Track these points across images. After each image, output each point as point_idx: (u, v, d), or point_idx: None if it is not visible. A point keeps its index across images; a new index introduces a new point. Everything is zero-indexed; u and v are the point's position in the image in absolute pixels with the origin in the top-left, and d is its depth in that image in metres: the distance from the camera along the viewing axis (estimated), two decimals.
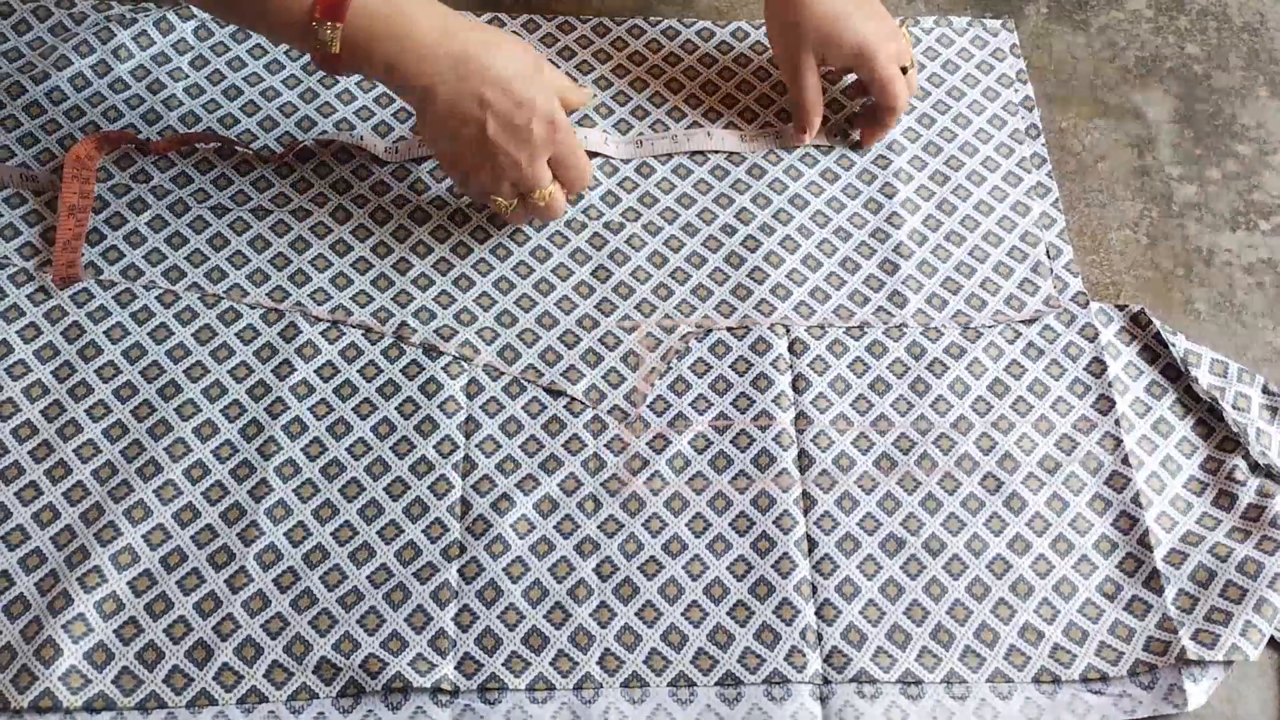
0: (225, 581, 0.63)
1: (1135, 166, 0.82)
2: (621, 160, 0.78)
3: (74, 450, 0.67)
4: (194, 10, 0.83)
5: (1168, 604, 0.64)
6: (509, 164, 0.68)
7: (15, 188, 0.75)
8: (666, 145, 0.78)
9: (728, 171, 0.79)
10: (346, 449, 0.68)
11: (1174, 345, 0.72)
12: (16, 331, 0.71)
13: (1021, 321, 0.74)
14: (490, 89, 0.66)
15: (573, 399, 0.70)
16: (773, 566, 0.65)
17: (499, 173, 0.69)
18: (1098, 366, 0.72)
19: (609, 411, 0.69)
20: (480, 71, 0.66)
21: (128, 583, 0.63)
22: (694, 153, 0.80)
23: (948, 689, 0.62)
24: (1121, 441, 0.69)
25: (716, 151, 0.79)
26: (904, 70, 0.77)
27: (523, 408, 0.70)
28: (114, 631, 0.62)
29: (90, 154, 0.75)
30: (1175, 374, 0.72)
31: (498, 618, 0.63)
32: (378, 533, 0.65)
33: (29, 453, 0.67)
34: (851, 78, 0.83)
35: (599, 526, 0.66)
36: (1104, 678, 0.62)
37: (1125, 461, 0.69)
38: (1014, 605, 0.64)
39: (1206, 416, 0.71)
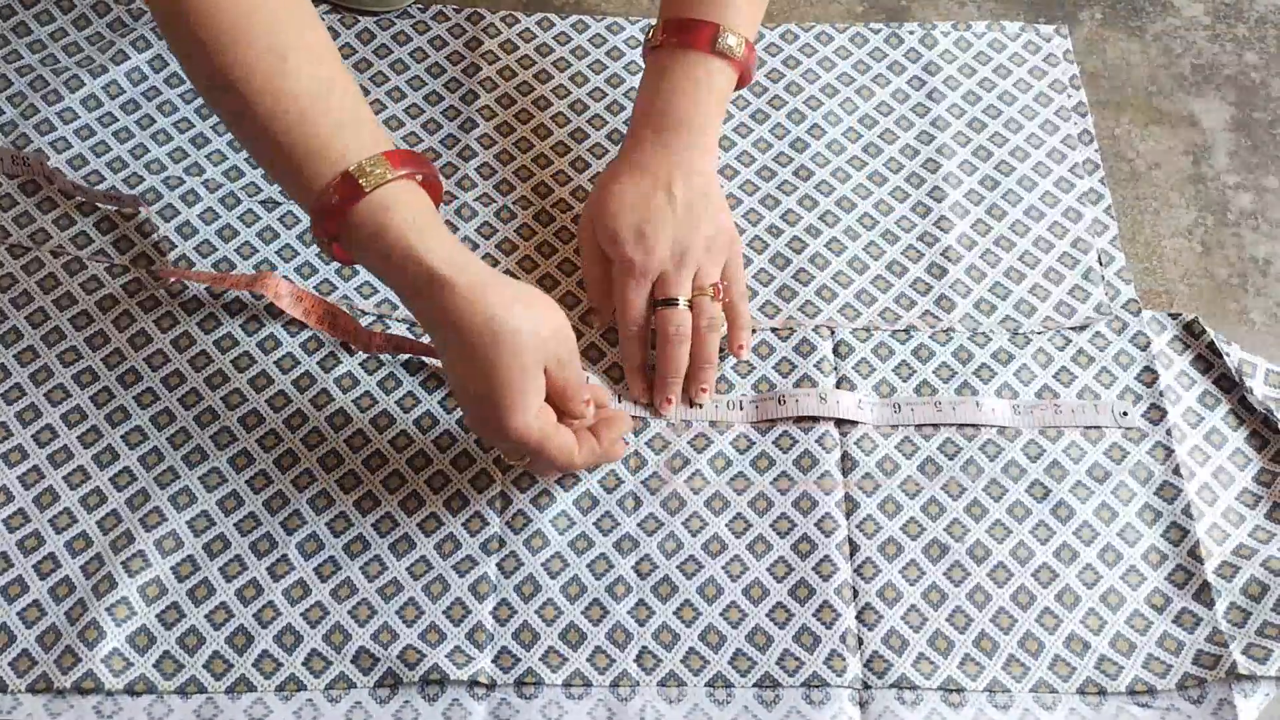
0: (267, 569, 0.64)
1: (1190, 174, 0.81)
2: (874, 426, 0.69)
3: (122, 436, 0.68)
4: None
5: (1219, 617, 0.63)
6: (487, 441, 0.63)
7: (93, 201, 0.76)
8: (929, 413, 0.69)
9: (774, 173, 0.79)
10: (389, 441, 0.68)
11: (1228, 355, 0.71)
12: (69, 319, 0.72)
13: (1071, 328, 0.73)
14: (461, 363, 0.58)
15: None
16: (813, 569, 0.64)
17: (487, 441, 0.65)
18: (1149, 375, 0.71)
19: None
20: (458, 337, 0.58)
21: (171, 568, 0.64)
22: (741, 154, 0.80)
23: (990, 698, 0.61)
24: (1173, 452, 0.68)
25: (987, 425, 0.69)
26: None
27: None
28: (156, 616, 0.62)
29: (279, 293, 0.70)
30: (1229, 384, 0.70)
31: (536, 613, 0.63)
32: (418, 525, 0.65)
33: (78, 438, 0.68)
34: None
35: (639, 524, 0.66)
36: (1151, 691, 0.61)
37: (1176, 472, 0.67)
38: (1060, 615, 0.63)
39: (1261, 428, 0.69)
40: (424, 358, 0.71)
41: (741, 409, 0.69)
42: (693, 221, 0.68)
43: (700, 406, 0.69)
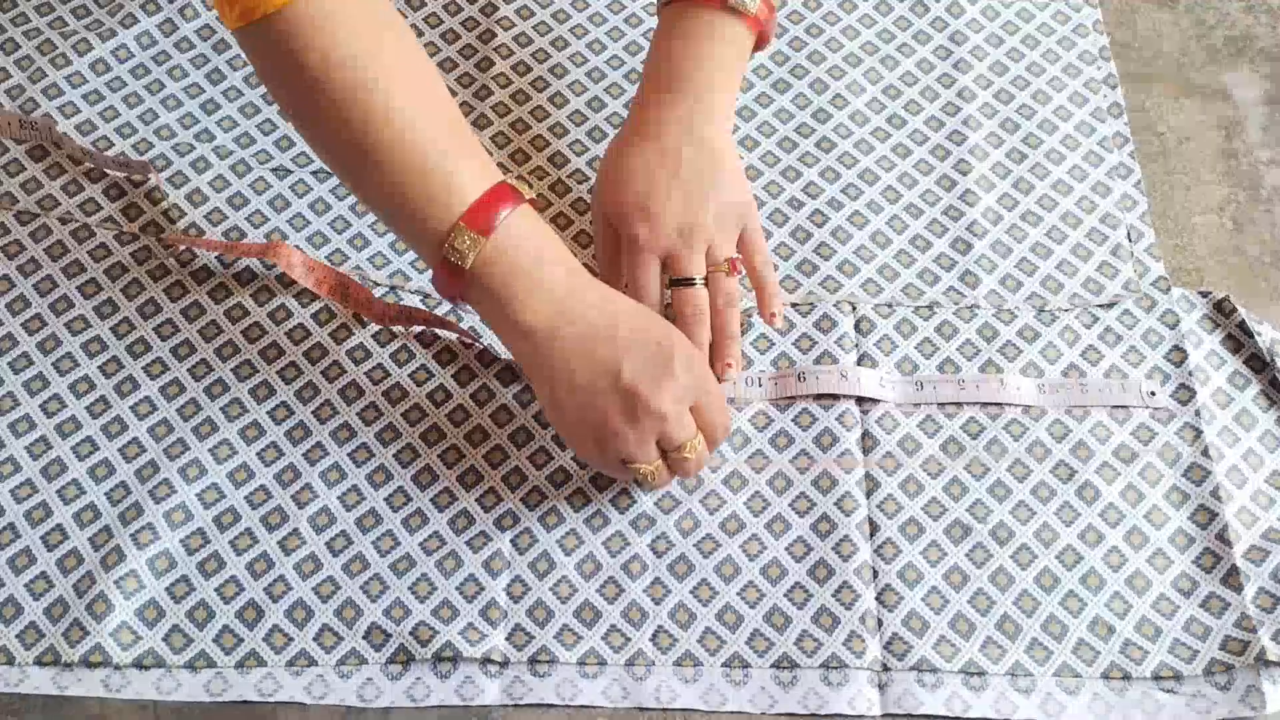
0: (278, 543, 0.63)
1: (1222, 149, 0.79)
2: (896, 404, 0.68)
3: (130, 406, 0.67)
4: None
5: (1247, 602, 0.61)
6: (653, 414, 0.59)
7: (102, 167, 0.75)
8: (952, 391, 0.68)
9: (796, 145, 0.77)
10: (402, 415, 0.67)
11: (1259, 335, 0.69)
12: (77, 287, 0.71)
13: (1099, 306, 0.71)
14: (625, 326, 0.60)
15: None
16: (833, 549, 0.63)
17: (643, 429, 0.59)
18: (1178, 355, 0.69)
19: None
20: (613, 314, 0.60)
21: (180, 541, 0.63)
22: (761, 124, 0.78)
23: (1012, 681, 0.60)
24: (1201, 433, 0.66)
25: (1011, 404, 0.67)
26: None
27: None
28: (165, 589, 0.61)
29: (291, 263, 0.69)
30: (1260, 365, 0.69)
31: (550, 590, 0.62)
32: (431, 500, 0.64)
33: (86, 408, 0.67)
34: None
35: (655, 502, 0.65)
36: (1177, 676, 0.60)
37: (1205, 454, 0.66)
38: (1084, 598, 0.62)
39: None
40: (438, 330, 0.70)
41: (760, 386, 0.68)
42: (701, 193, 0.66)
43: (732, 382, 0.67)
